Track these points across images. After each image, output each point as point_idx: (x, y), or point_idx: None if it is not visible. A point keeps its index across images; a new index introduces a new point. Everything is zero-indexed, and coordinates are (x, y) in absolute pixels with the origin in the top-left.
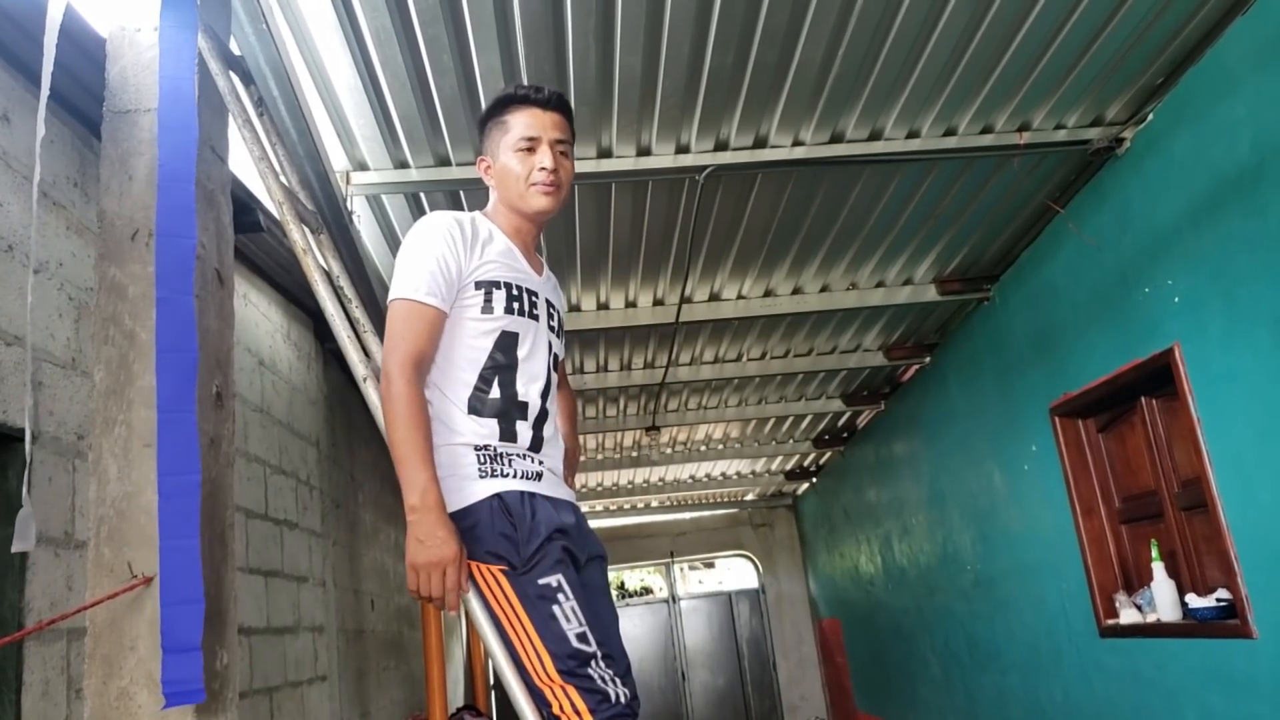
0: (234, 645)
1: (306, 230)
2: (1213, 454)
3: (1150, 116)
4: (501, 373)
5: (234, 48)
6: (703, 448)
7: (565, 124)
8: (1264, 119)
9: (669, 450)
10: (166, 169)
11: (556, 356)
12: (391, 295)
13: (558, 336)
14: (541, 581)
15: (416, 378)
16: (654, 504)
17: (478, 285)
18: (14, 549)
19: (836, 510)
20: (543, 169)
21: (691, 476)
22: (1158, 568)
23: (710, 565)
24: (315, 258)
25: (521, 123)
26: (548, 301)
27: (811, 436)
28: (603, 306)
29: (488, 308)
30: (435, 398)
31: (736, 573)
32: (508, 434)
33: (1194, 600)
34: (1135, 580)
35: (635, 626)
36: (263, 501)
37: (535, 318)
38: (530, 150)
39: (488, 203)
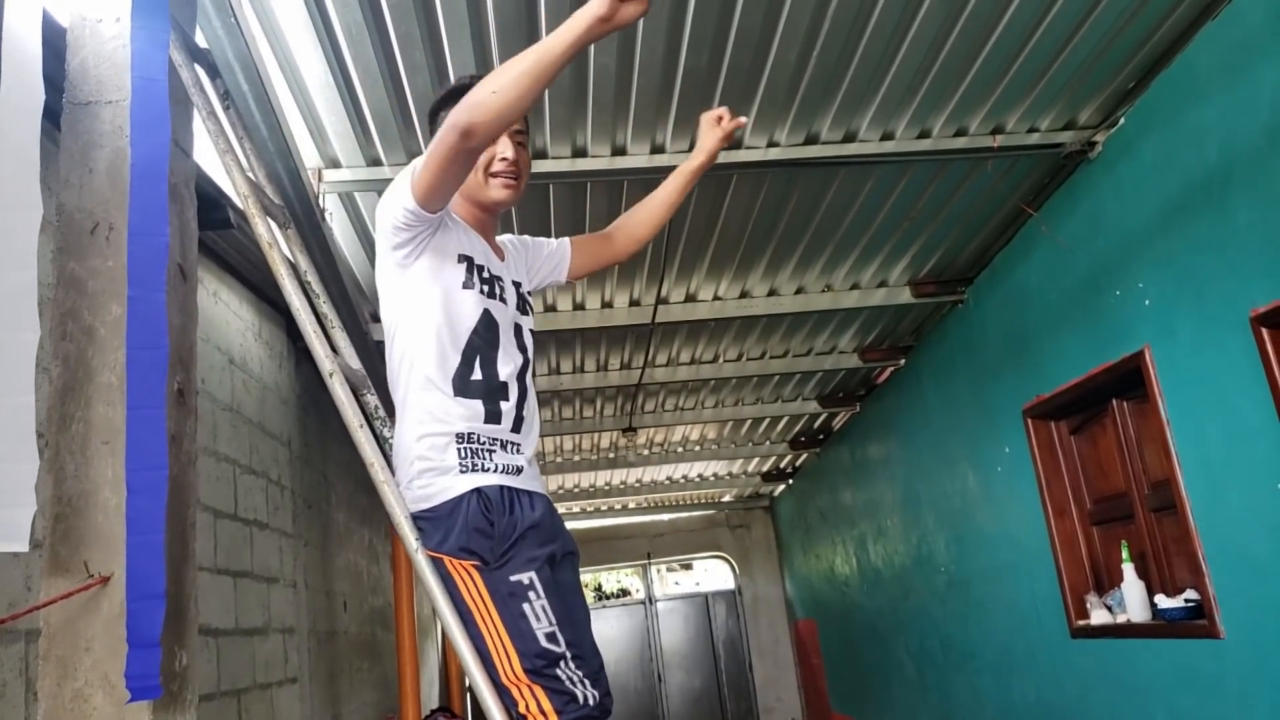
0: (194, 646)
1: (273, 224)
2: (1181, 456)
3: (1121, 120)
4: (482, 353)
5: (201, 40)
6: (680, 449)
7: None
8: (1231, 124)
9: (646, 452)
10: (139, 168)
11: (531, 332)
12: (402, 188)
13: (527, 315)
14: (514, 578)
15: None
16: (631, 505)
17: (460, 258)
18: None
19: (812, 512)
20: (504, 159)
21: (668, 478)
22: (1128, 569)
23: (687, 567)
24: (281, 251)
25: None
26: (514, 283)
27: (788, 438)
28: (579, 307)
29: (469, 282)
30: (419, 381)
31: (713, 574)
32: (492, 415)
33: (1163, 601)
34: (1106, 581)
35: (612, 628)
36: (232, 501)
37: (505, 302)
38: None
39: None
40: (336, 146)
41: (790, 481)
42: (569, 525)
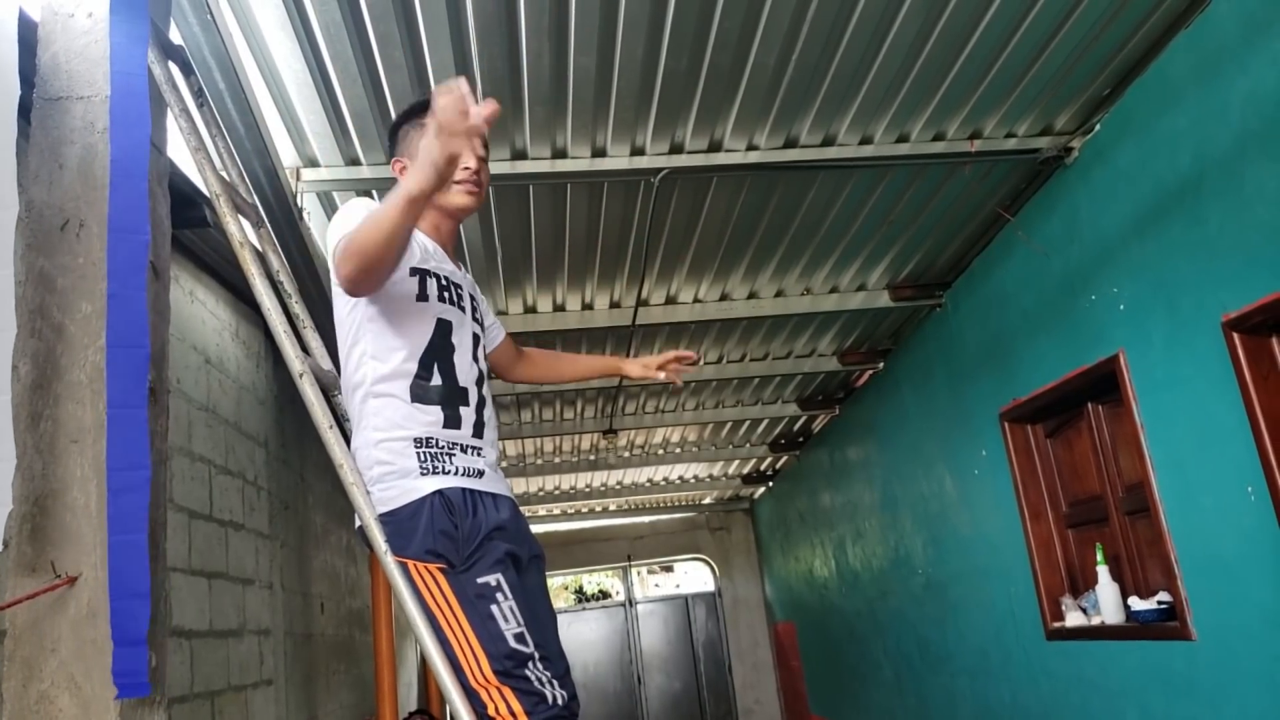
0: (165, 647)
1: (246, 223)
2: (1155, 459)
3: (1097, 127)
4: (440, 360)
5: (176, 37)
6: (660, 451)
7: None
8: (1204, 131)
9: (626, 454)
10: (119, 165)
11: (486, 347)
12: (332, 253)
13: (483, 329)
14: (480, 580)
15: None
16: (611, 508)
17: (412, 271)
18: None
19: (792, 514)
20: (466, 167)
21: (649, 480)
22: (1102, 571)
23: (668, 569)
24: (253, 250)
25: None
26: (470, 296)
27: (768, 441)
28: (559, 308)
29: (423, 295)
30: (375, 389)
31: (693, 576)
32: (452, 420)
33: (1136, 603)
34: (1081, 584)
35: (592, 630)
36: (207, 502)
37: (463, 309)
38: None
39: None
40: (315, 145)
41: (770, 484)
42: (549, 527)
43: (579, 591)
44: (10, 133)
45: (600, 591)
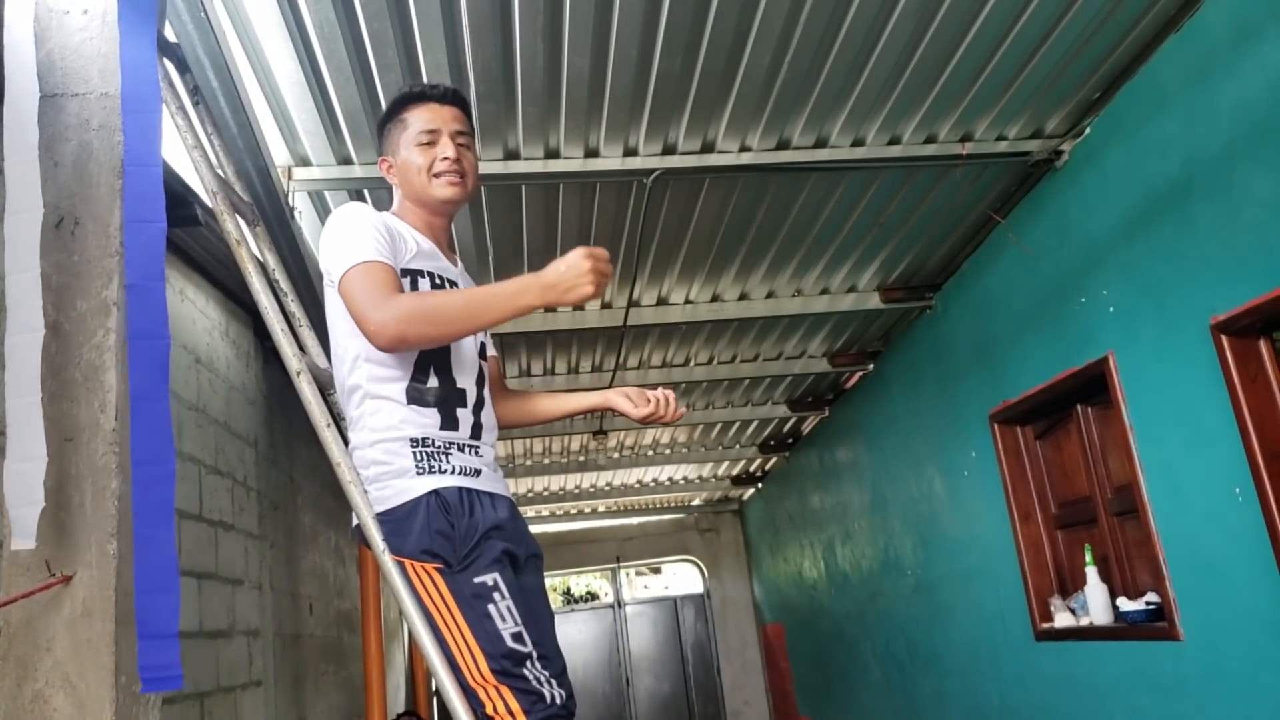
0: None
1: (241, 221)
2: (1144, 461)
3: (1087, 130)
4: (436, 362)
5: (170, 35)
6: (650, 452)
7: (464, 118)
8: (1193, 135)
9: (616, 455)
10: (132, 154)
11: (484, 345)
12: (339, 271)
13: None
14: (477, 580)
15: (400, 300)
16: (601, 509)
17: (404, 273)
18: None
19: (781, 516)
20: (445, 158)
21: (639, 481)
22: (1091, 572)
23: (656, 570)
24: (250, 249)
25: (420, 118)
26: None
27: (757, 442)
28: (550, 309)
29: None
30: (371, 392)
31: (682, 578)
32: (449, 422)
33: (1125, 604)
34: (1070, 584)
35: (580, 632)
36: (197, 502)
37: None
38: (431, 143)
39: (391, 205)
40: (307, 144)
41: (759, 485)
42: (538, 529)
43: (567, 593)
44: (31, 136)
45: (588, 593)
